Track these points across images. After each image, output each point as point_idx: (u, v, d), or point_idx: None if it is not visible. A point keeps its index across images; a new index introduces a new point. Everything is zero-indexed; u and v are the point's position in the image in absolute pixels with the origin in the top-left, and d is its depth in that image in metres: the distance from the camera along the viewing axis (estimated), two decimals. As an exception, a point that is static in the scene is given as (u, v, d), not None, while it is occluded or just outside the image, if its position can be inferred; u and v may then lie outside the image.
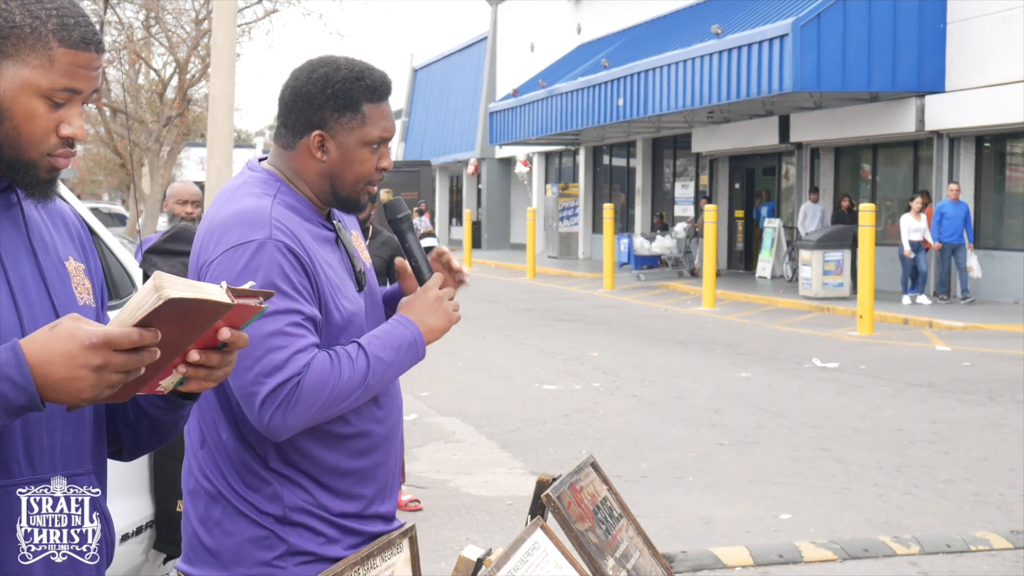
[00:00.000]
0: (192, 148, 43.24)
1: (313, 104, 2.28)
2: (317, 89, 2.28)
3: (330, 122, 2.28)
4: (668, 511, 6.43)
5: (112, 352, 1.51)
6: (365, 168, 2.31)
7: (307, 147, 2.29)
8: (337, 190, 2.32)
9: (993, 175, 19.44)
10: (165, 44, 26.66)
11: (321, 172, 2.30)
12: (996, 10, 17.90)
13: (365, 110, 2.29)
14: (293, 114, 2.30)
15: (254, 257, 2.17)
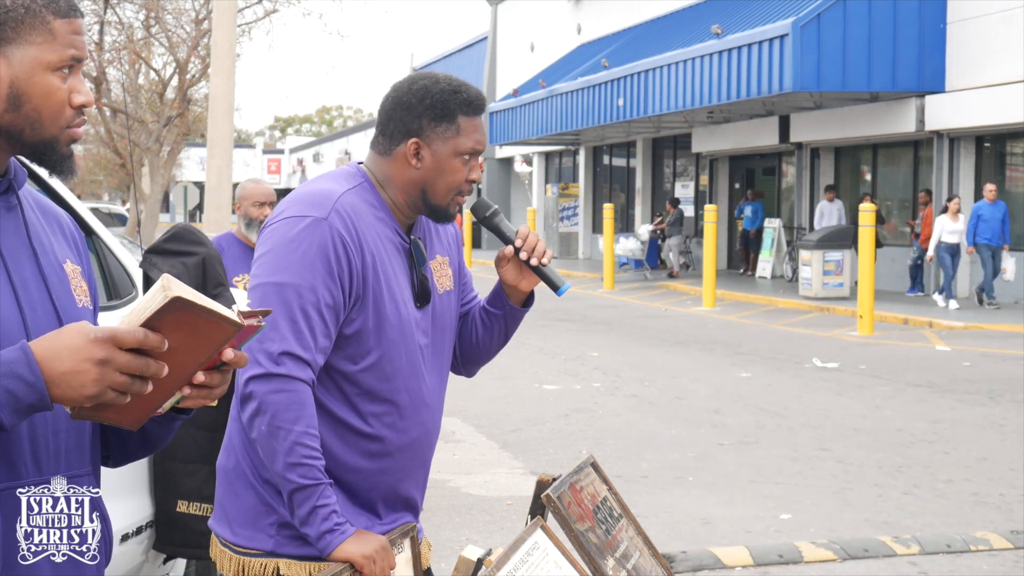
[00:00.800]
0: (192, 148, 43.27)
1: (412, 112, 2.38)
2: (417, 99, 2.38)
3: (427, 131, 2.38)
4: (668, 511, 6.43)
5: (116, 349, 1.50)
6: (456, 178, 2.39)
7: (403, 154, 2.39)
8: (428, 198, 2.40)
9: (993, 175, 19.43)
10: (165, 44, 26.68)
11: (414, 180, 2.39)
12: (996, 10, 17.90)
13: (460, 122, 2.38)
14: (392, 122, 2.40)
15: (304, 232, 2.27)
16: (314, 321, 2.25)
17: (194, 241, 4.51)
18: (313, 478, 2.21)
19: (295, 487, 2.21)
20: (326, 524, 2.22)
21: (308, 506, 2.21)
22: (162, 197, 28.85)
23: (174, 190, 27.74)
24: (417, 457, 2.45)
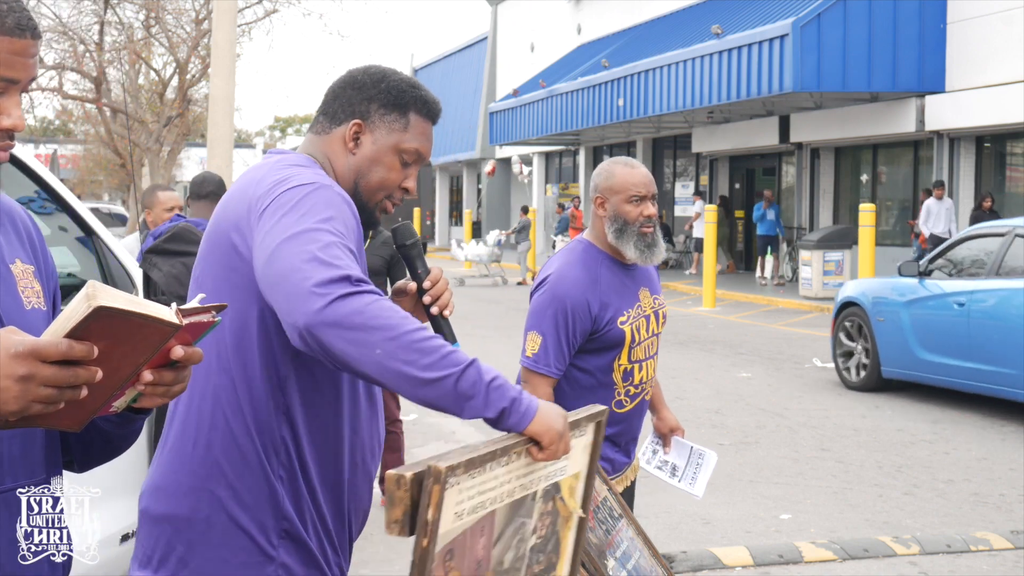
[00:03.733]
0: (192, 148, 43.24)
1: (363, 93, 2.23)
2: (372, 81, 2.24)
3: (374, 115, 2.22)
4: (668, 511, 6.43)
5: (38, 363, 1.42)
6: (391, 176, 2.24)
7: (341, 136, 2.23)
8: (360, 192, 2.23)
9: (993, 175, 19.44)
10: (165, 44, 26.68)
11: (348, 166, 2.23)
12: (996, 10, 17.90)
13: (411, 118, 2.24)
14: (338, 101, 2.25)
15: (318, 191, 2.04)
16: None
17: (194, 241, 4.51)
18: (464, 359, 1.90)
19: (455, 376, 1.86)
20: (513, 392, 1.91)
21: (482, 386, 1.88)
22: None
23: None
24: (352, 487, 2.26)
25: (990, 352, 9.10)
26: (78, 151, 43.14)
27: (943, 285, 9.84)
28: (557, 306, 3.34)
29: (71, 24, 25.54)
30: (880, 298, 10.59)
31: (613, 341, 3.43)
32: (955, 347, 9.50)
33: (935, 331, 9.78)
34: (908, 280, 10.24)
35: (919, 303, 10.02)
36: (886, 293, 10.59)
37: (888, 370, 10.36)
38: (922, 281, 10.09)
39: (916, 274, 10.16)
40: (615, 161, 3.58)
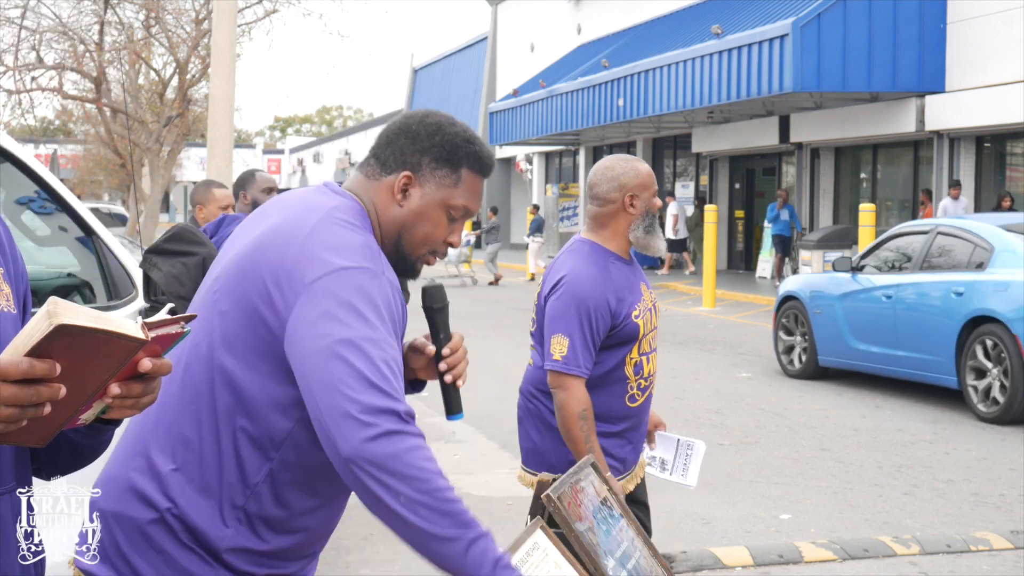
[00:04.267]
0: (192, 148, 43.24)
1: (417, 144, 2.18)
2: (426, 133, 2.19)
3: (425, 169, 2.17)
4: (668, 511, 6.43)
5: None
6: (437, 232, 2.19)
7: (391, 185, 2.17)
8: (402, 244, 2.18)
9: (993, 175, 19.44)
10: (165, 44, 26.68)
11: (394, 217, 2.17)
12: (996, 10, 17.90)
13: (463, 174, 2.19)
14: (391, 148, 2.19)
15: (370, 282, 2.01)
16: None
17: (194, 241, 4.51)
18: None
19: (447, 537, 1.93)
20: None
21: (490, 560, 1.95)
22: (162, 197, 28.88)
23: (174, 190, 27.74)
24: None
25: (914, 340, 9.92)
26: (78, 151, 43.15)
27: (873, 279, 10.63)
28: (579, 306, 3.40)
29: (71, 24, 25.55)
30: (817, 292, 11.38)
31: (629, 335, 3.52)
32: (883, 336, 10.30)
33: (866, 322, 10.58)
34: (842, 275, 11.01)
35: (851, 296, 10.80)
36: (822, 287, 11.39)
37: (824, 359, 11.11)
38: (855, 276, 10.84)
39: (849, 269, 10.91)
40: (622, 159, 3.62)
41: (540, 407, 3.59)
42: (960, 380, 9.39)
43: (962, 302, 9.41)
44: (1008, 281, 9.08)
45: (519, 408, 3.71)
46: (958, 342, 9.38)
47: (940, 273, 9.84)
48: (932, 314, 9.80)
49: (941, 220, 10.87)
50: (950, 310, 9.54)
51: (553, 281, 3.48)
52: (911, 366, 10.01)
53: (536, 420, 3.61)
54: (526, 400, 3.66)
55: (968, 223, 10.19)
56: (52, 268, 4.54)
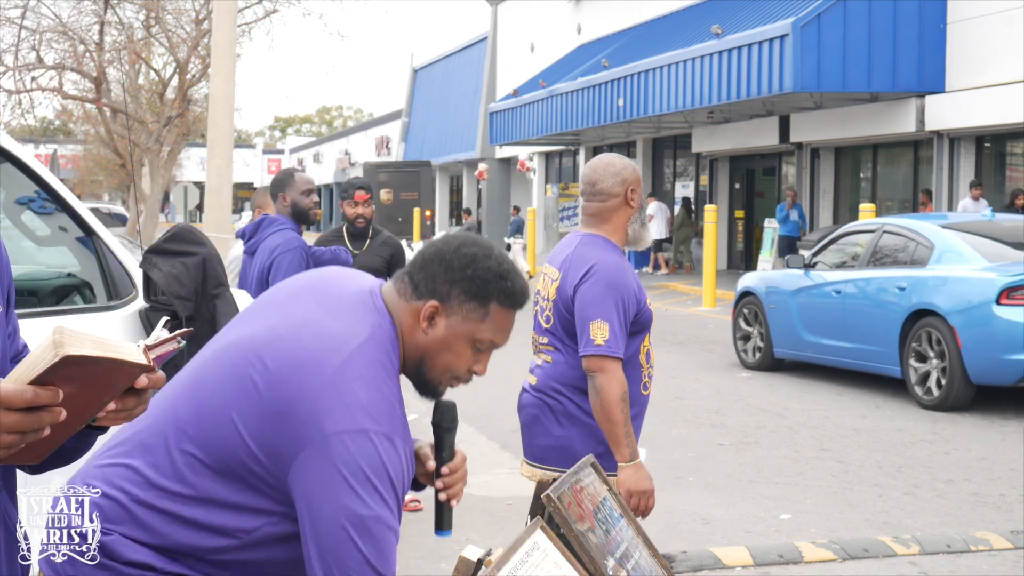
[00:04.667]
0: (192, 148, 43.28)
1: (448, 274, 2.16)
2: (459, 264, 2.16)
3: (453, 300, 2.16)
4: (668, 511, 6.43)
5: (2, 411, 1.39)
6: (460, 362, 2.19)
7: (418, 311, 2.16)
8: (423, 370, 2.19)
9: (993, 175, 19.44)
10: (165, 44, 26.68)
11: (418, 344, 2.17)
12: (996, 10, 17.90)
13: (492, 308, 2.17)
14: (424, 272, 2.18)
15: (392, 450, 2.03)
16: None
17: (194, 241, 4.51)
18: None
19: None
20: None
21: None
22: (162, 197, 28.88)
23: (174, 190, 27.76)
24: None
25: (861, 333, 10.51)
26: (78, 151, 43.15)
27: (824, 275, 11.23)
28: (615, 292, 3.51)
29: (71, 24, 25.54)
30: (772, 287, 11.95)
31: (645, 322, 3.65)
32: (833, 329, 10.89)
33: (817, 316, 11.18)
34: (795, 271, 11.66)
35: (804, 291, 11.39)
36: (777, 283, 11.96)
37: (779, 351, 11.72)
38: (807, 272, 11.45)
39: (802, 266, 11.58)
40: (616, 156, 3.74)
41: (564, 402, 3.63)
42: (903, 370, 9.96)
43: (905, 296, 9.98)
44: (947, 277, 9.69)
45: (532, 407, 3.71)
46: (901, 334, 9.93)
47: (885, 269, 10.44)
48: (877, 308, 10.37)
49: (887, 219, 11.47)
50: (894, 304, 10.11)
51: (581, 271, 3.55)
52: (858, 357, 10.59)
53: (559, 415, 3.64)
54: (547, 397, 3.67)
55: (911, 222, 10.81)
56: (52, 268, 4.54)
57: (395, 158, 48.09)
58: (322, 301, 2.15)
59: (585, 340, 3.49)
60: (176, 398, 2.06)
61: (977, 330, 9.31)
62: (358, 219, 6.41)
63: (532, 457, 3.71)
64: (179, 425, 2.03)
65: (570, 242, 3.74)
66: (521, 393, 3.81)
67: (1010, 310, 9.14)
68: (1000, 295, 9.18)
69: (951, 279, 9.62)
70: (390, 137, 52.35)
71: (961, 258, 9.77)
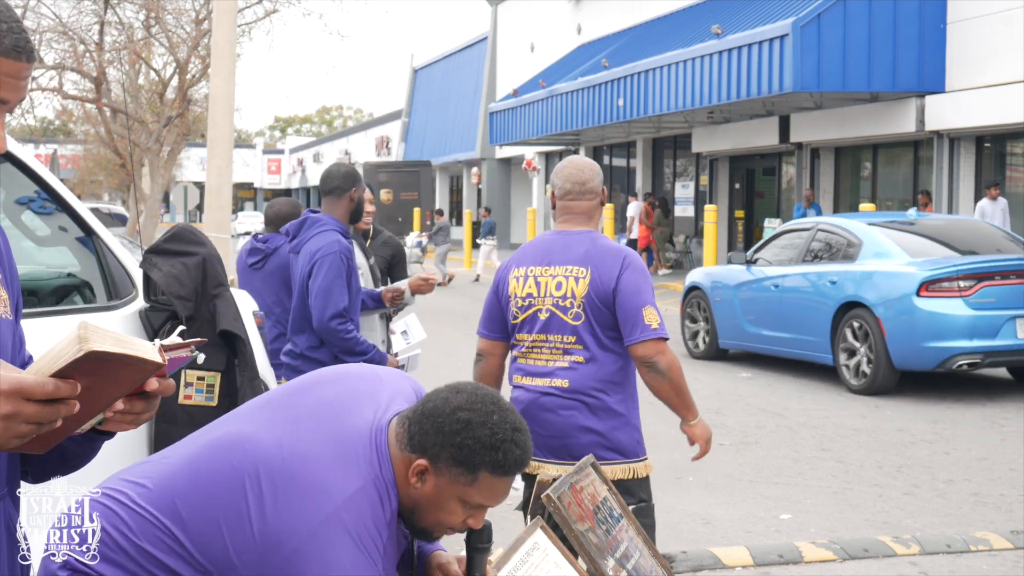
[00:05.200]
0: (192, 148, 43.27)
1: (440, 436, 2.12)
2: (452, 429, 2.12)
3: (441, 464, 2.13)
4: (668, 511, 6.43)
5: (23, 401, 1.41)
6: (452, 519, 2.18)
7: (408, 463, 2.14)
8: (415, 520, 2.19)
9: (993, 175, 19.43)
10: (165, 44, 26.67)
11: (409, 496, 2.16)
12: (996, 10, 17.90)
13: (481, 476, 2.13)
14: (419, 425, 2.15)
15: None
16: None
17: (194, 241, 4.51)
18: None
19: None
20: None
21: None
22: (162, 197, 28.88)
23: (174, 190, 27.75)
24: None
25: (797, 323, 11.30)
26: (78, 151, 43.14)
27: (764, 271, 11.96)
28: (649, 280, 3.75)
29: (71, 24, 25.54)
30: (717, 282, 12.71)
31: None
32: (772, 321, 11.67)
33: (757, 308, 11.94)
34: (738, 267, 12.45)
35: (745, 285, 12.14)
36: (721, 278, 12.72)
37: (724, 342, 12.54)
38: (749, 267, 12.21)
39: (744, 262, 12.35)
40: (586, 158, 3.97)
41: (603, 398, 3.73)
42: (834, 358, 10.71)
43: (835, 290, 10.80)
44: (873, 271, 10.51)
45: (566, 409, 3.74)
46: (833, 324, 10.73)
47: (818, 265, 11.29)
48: (811, 300, 11.16)
49: (821, 219, 12.44)
50: (825, 297, 10.92)
51: (618, 261, 3.68)
52: (795, 346, 11.36)
53: (598, 411, 3.73)
54: (585, 397, 3.73)
55: (842, 221, 11.69)
56: (52, 268, 4.53)
57: (395, 158, 48.10)
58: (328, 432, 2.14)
59: (640, 327, 3.63)
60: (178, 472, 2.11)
61: (900, 320, 10.07)
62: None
63: (571, 456, 3.72)
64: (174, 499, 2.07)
65: (571, 240, 3.76)
66: (541, 396, 3.77)
67: (929, 301, 9.96)
68: (920, 288, 9.98)
69: (877, 273, 10.42)
70: (390, 137, 52.35)
71: (886, 254, 10.55)
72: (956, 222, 12.53)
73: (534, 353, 3.80)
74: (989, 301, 9.96)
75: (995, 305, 9.95)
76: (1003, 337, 9.91)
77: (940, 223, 11.95)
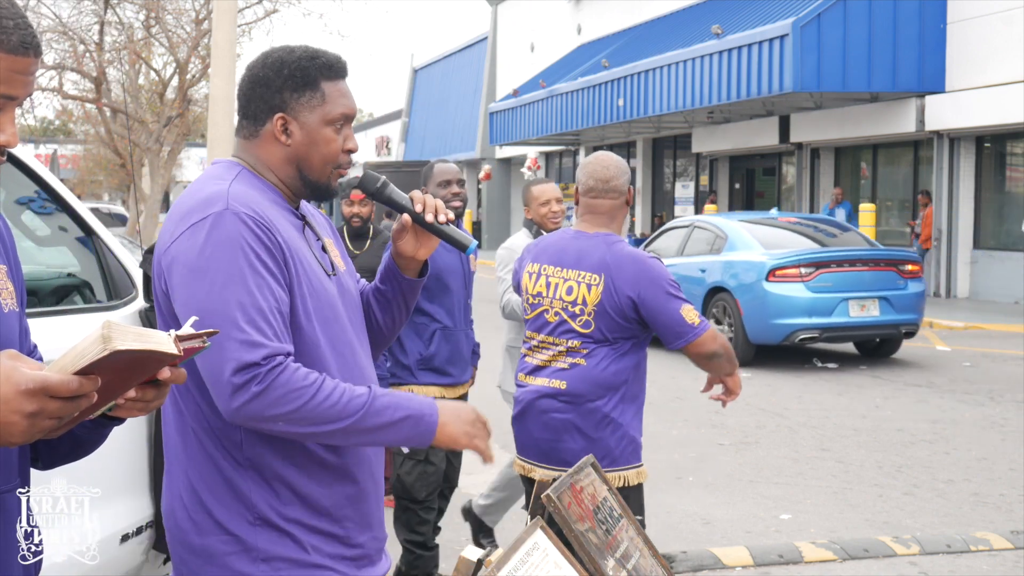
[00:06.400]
0: (192, 148, 43.23)
1: (271, 87, 2.24)
2: (274, 72, 2.25)
3: (291, 103, 2.24)
4: (668, 511, 6.43)
5: (48, 399, 1.44)
6: (331, 148, 2.26)
7: (271, 133, 2.25)
8: (305, 174, 2.27)
9: (993, 175, 19.44)
10: (165, 44, 26.67)
11: (287, 157, 2.26)
12: (996, 10, 17.90)
13: (324, 88, 2.25)
14: (253, 102, 2.27)
15: (213, 230, 2.09)
16: (268, 320, 2.08)
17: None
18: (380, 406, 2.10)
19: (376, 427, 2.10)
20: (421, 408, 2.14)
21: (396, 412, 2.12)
22: (162, 197, 28.87)
23: (174, 190, 27.74)
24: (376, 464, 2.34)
25: None
26: (78, 151, 43.13)
27: None
28: (671, 277, 3.71)
29: (71, 24, 25.53)
30: None
31: None
32: None
33: None
34: None
35: None
36: None
37: None
38: None
39: None
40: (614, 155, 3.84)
41: (601, 404, 3.67)
42: None
43: (704, 278, 12.58)
44: (733, 261, 12.32)
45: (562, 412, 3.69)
46: (703, 307, 12.44)
47: (693, 257, 12.92)
48: (686, 287, 11.63)
49: (698, 217, 14.35)
50: (697, 284, 12.56)
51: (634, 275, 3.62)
52: None
53: (596, 418, 3.67)
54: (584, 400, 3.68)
55: (713, 219, 13.55)
56: (52, 268, 4.53)
57: (395, 158, 48.08)
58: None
59: (685, 326, 3.61)
60: None
61: (753, 302, 11.93)
62: (354, 218, 6.42)
63: (560, 463, 3.68)
64: None
65: (587, 243, 3.72)
66: (539, 398, 3.74)
67: (776, 286, 11.86)
68: (768, 274, 11.86)
69: (736, 263, 12.28)
70: (390, 137, 52.35)
71: (746, 247, 12.37)
72: (809, 219, 14.46)
73: (539, 351, 3.78)
74: (826, 285, 11.85)
75: (831, 289, 11.84)
76: (837, 315, 11.85)
77: (795, 221, 13.89)
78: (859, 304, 11.93)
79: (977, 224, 19.27)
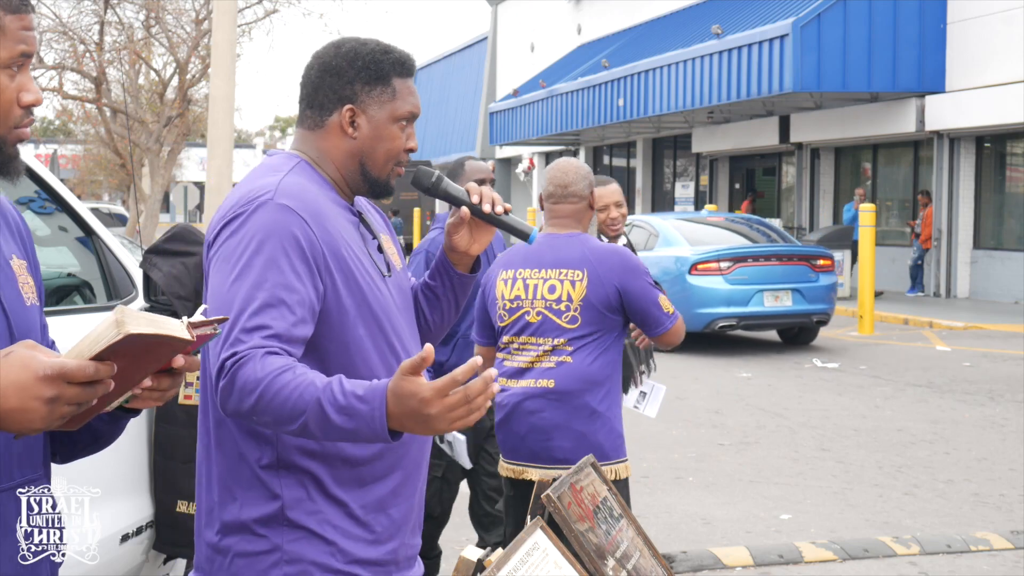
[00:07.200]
0: (192, 148, 43.24)
1: (343, 78, 2.20)
2: (347, 62, 2.21)
3: (361, 95, 2.21)
4: (668, 511, 6.43)
5: (66, 385, 1.46)
6: (395, 145, 2.24)
7: (338, 124, 2.22)
8: (367, 170, 2.23)
9: (993, 175, 19.44)
10: (165, 44, 26.68)
11: (351, 151, 2.23)
12: (996, 10, 17.90)
13: (395, 84, 2.22)
14: (321, 91, 2.22)
15: (248, 221, 2.06)
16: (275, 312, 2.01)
17: (194, 241, 4.50)
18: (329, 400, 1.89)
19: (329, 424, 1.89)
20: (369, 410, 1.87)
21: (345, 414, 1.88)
22: (162, 197, 28.89)
23: (174, 190, 27.75)
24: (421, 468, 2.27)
25: None
26: (78, 151, 43.13)
27: None
28: (646, 268, 3.84)
29: (71, 24, 25.54)
30: None
31: None
32: None
33: None
34: None
35: None
36: None
37: None
38: None
39: None
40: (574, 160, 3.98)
41: (588, 399, 3.72)
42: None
43: None
44: (663, 256, 13.32)
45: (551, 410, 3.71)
46: None
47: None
48: None
49: (636, 216, 15.06)
50: None
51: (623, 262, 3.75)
52: None
53: (583, 412, 3.71)
54: (572, 398, 3.71)
55: (648, 218, 14.64)
56: (52, 268, 4.53)
57: (395, 158, 48.04)
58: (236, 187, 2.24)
59: (664, 315, 3.74)
60: None
61: (678, 294, 12.73)
62: None
63: (552, 461, 3.70)
64: None
65: (561, 242, 3.79)
66: (525, 400, 3.74)
67: (698, 279, 13.02)
68: (691, 268, 13.05)
69: (665, 258, 13.29)
70: (390, 137, 52.36)
71: (676, 243, 13.48)
72: (735, 218, 15.71)
73: (520, 354, 3.77)
74: (743, 278, 12.99)
75: (747, 281, 12.98)
76: (753, 305, 13.00)
77: (722, 220, 15.19)
78: (773, 295, 13.09)
79: (977, 224, 19.27)
